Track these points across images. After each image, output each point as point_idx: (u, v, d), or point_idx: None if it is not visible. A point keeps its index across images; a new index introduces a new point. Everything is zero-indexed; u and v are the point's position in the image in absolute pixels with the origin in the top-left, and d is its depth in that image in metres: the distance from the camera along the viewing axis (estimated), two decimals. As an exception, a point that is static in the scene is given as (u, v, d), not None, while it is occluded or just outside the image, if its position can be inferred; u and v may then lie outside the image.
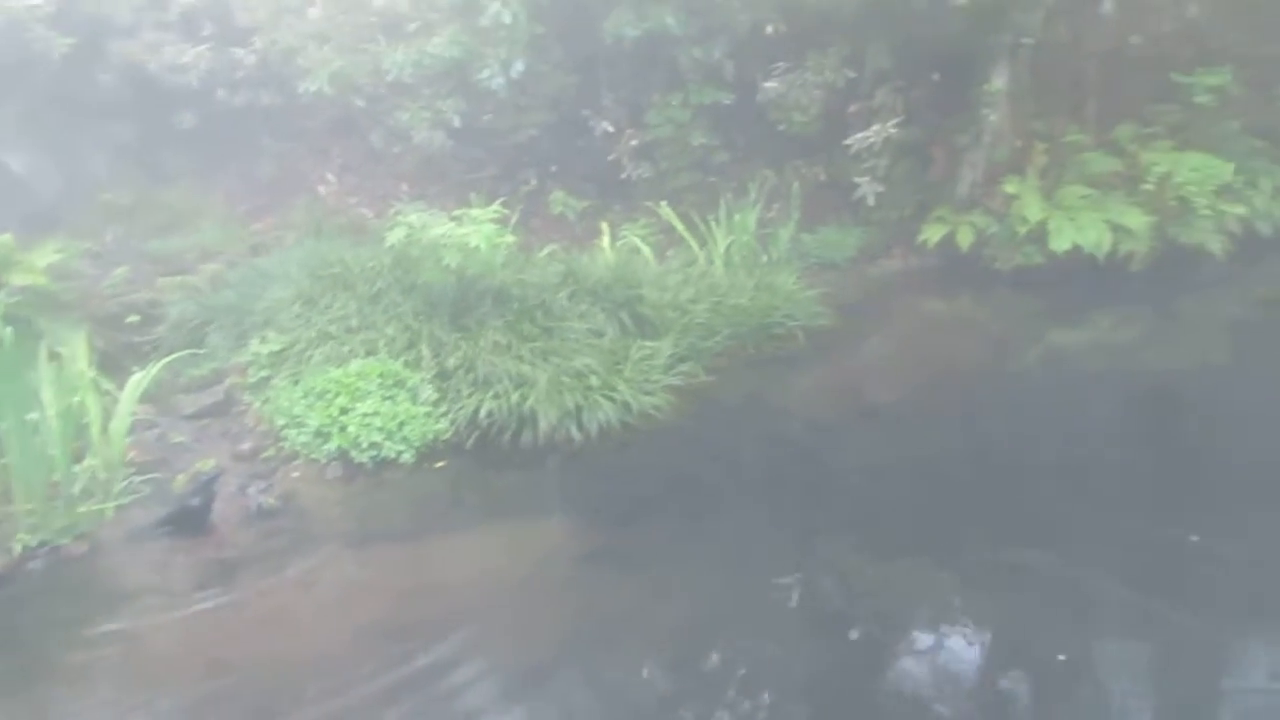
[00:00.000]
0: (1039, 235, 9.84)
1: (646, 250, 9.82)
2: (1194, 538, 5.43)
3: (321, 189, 11.31)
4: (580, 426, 6.99)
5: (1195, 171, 9.97)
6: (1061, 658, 4.61)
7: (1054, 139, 10.59)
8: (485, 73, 10.03)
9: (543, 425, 6.92)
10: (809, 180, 11.12)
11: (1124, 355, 8.89)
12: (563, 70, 10.77)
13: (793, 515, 6.15)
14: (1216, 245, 10.02)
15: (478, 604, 5.31)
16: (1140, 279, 9.94)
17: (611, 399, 7.15)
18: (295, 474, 6.65)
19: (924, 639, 4.97)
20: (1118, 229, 9.77)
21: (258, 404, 7.33)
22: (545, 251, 9.61)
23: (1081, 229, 9.71)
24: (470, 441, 6.93)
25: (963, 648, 4.87)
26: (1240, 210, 10.23)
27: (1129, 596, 5.05)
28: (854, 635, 4.94)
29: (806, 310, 8.97)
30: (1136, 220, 9.81)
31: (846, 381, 8.32)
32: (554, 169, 11.28)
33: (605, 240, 9.93)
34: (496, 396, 7.03)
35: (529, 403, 6.97)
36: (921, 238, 10.47)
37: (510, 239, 8.21)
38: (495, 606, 5.29)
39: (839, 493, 6.39)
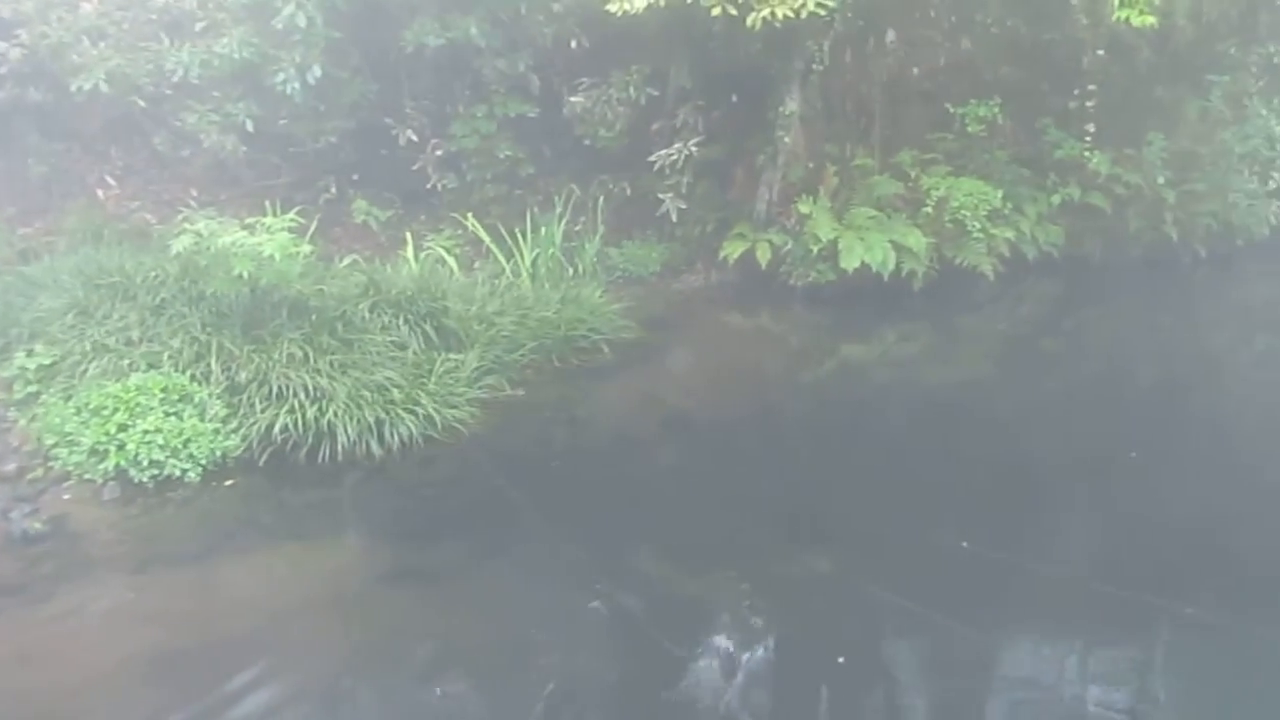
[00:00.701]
0: (831, 253, 10.33)
1: (452, 261, 9.69)
2: (964, 544, 5.78)
3: (100, 193, 10.50)
4: (381, 441, 6.79)
5: (969, 196, 10.76)
6: (840, 660, 4.82)
7: (844, 162, 11.19)
8: (280, 77, 9.62)
9: (341, 440, 6.68)
10: (615, 195, 11.28)
11: (907, 368, 9.51)
12: (363, 77, 10.47)
13: (597, 527, 6.18)
14: (988, 266, 10.82)
15: (263, 629, 5.04)
16: (921, 297, 10.61)
17: (414, 413, 6.98)
18: (66, 496, 6.16)
19: (719, 647, 5.09)
20: (901, 249, 10.40)
21: (24, 422, 6.75)
22: (346, 261, 9.31)
23: (869, 248, 10.27)
24: (264, 458, 6.61)
25: (756, 656, 5.03)
26: (1009, 234, 11.10)
27: (905, 604, 5.24)
28: (653, 647, 4.99)
29: (612, 323, 9.07)
30: (917, 241, 10.48)
31: (651, 393, 8.48)
32: (356, 177, 10.94)
33: (410, 251, 9.72)
34: (292, 411, 6.73)
35: (327, 417, 6.72)
36: (723, 254, 10.79)
37: (307, 248, 7.91)
38: (283, 631, 5.05)
39: (643, 504, 6.47)
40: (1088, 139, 11.27)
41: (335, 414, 6.73)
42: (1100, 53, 10.62)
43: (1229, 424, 7.94)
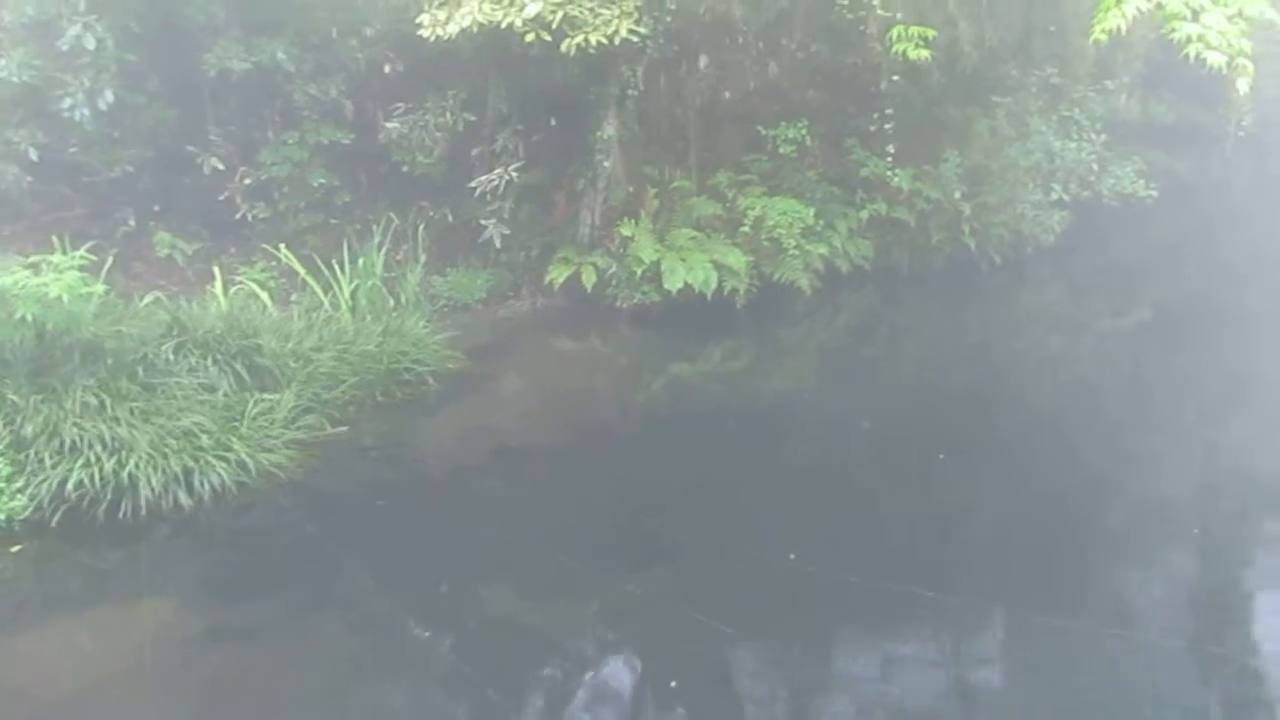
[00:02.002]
0: (654, 275, 10.50)
1: (265, 296, 9.28)
2: (792, 556, 5.94)
3: None
4: (190, 491, 6.41)
5: (783, 215, 11.15)
6: (673, 684, 4.85)
7: (663, 184, 11.41)
8: (67, 102, 9.00)
9: (145, 493, 6.26)
10: (436, 222, 11.11)
11: (734, 383, 9.73)
12: (162, 102, 9.94)
13: (424, 567, 6.02)
14: (805, 281, 11.24)
15: (61, 708, 4.66)
16: (744, 313, 10.91)
17: (226, 459, 6.63)
18: None
19: (557, 675, 5.05)
20: (722, 268, 10.67)
21: None
22: (148, 299, 8.78)
23: (691, 269, 10.50)
24: (56, 519, 6.11)
25: (575, 689, 5.00)
26: (823, 250, 11.56)
27: (723, 628, 5.26)
28: (475, 690, 4.90)
29: (437, 354, 8.89)
30: (737, 260, 10.77)
31: (479, 423, 8.35)
32: (157, 208, 10.34)
33: (219, 285, 9.26)
34: (88, 465, 6.26)
35: (127, 469, 6.28)
36: (548, 278, 10.79)
37: (101, 287, 7.41)
38: (86, 710, 4.68)
39: (470, 539, 6.35)
40: (889, 157, 11.87)
41: (137, 465, 6.31)
42: (895, 78, 11.21)
43: (1030, 422, 8.46)
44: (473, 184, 10.73)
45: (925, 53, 5.56)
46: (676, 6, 10.43)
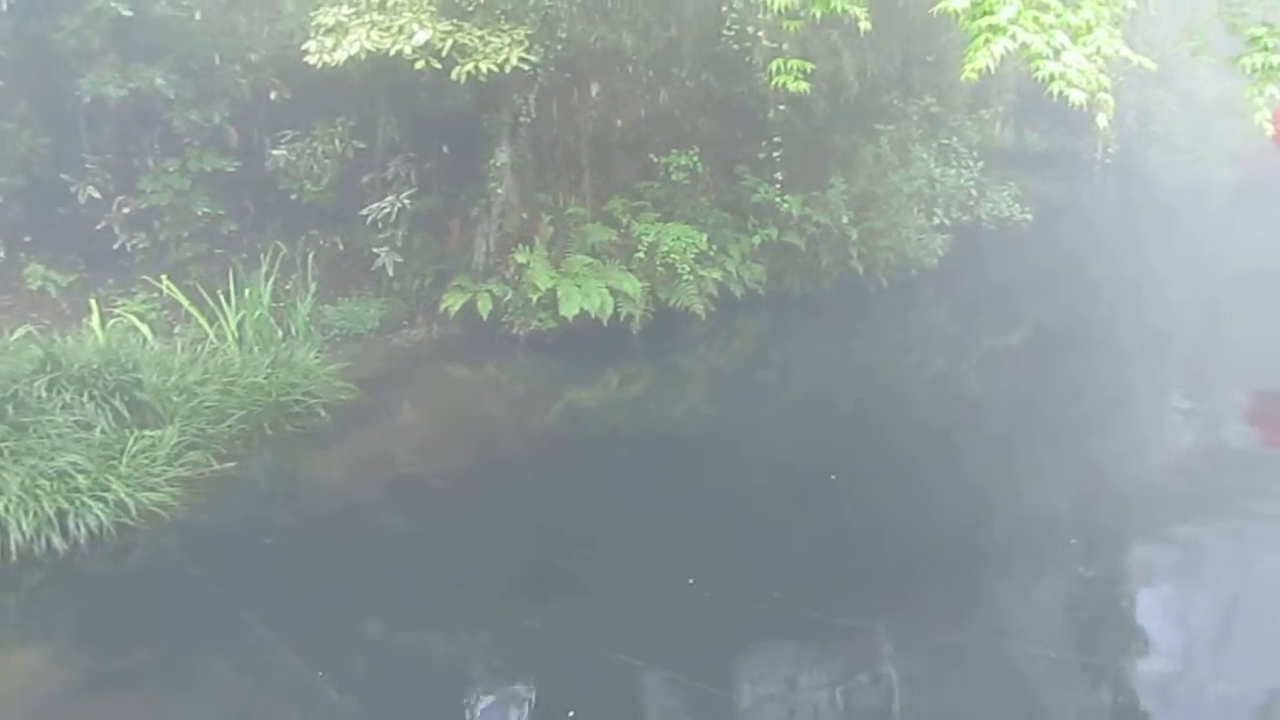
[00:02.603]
0: (551, 302, 10.50)
1: (145, 329, 8.95)
2: (690, 580, 5.97)
3: None
4: (65, 534, 6.11)
5: (677, 241, 11.29)
6: (571, 715, 4.81)
7: (558, 211, 11.45)
8: (-73, 129, 8.60)
9: (15, 537, 5.95)
10: (327, 251, 10.91)
11: (632, 408, 9.78)
12: (33, 129, 9.56)
13: (315, 605, 5.84)
14: (699, 306, 11.39)
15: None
16: (640, 338, 11.00)
17: (103, 499, 6.34)
18: None
19: (453, 713, 4.97)
20: (618, 294, 10.74)
21: None
22: (19, 334, 8.39)
23: (587, 295, 10.53)
24: (-85, 568, 5.77)
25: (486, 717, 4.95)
26: (717, 274, 11.75)
27: (628, 654, 5.21)
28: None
29: (329, 385, 8.69)
30: (632, 286, 10.86)
31: (374, 455, 8.20)
32: (29, 239, 9.92)
33: (96, 319, 8.89)
34: (-50, 512, 5.93)
35: (-5, 514, 5.97)
36: (443, 306, 10.68)
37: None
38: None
39: (365, 575, 6.18)
40: (778, 184, 12.14)
41: (6, 508, 6.00)
42: (781, 107, 11.49)
43: (918, 439, 8.71)
44: (364, 211, 10.59)
45: (804, 85, 5.72)
46: (567, 35, 10.52)
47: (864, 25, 5.33)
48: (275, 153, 10.39)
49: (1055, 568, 6.31)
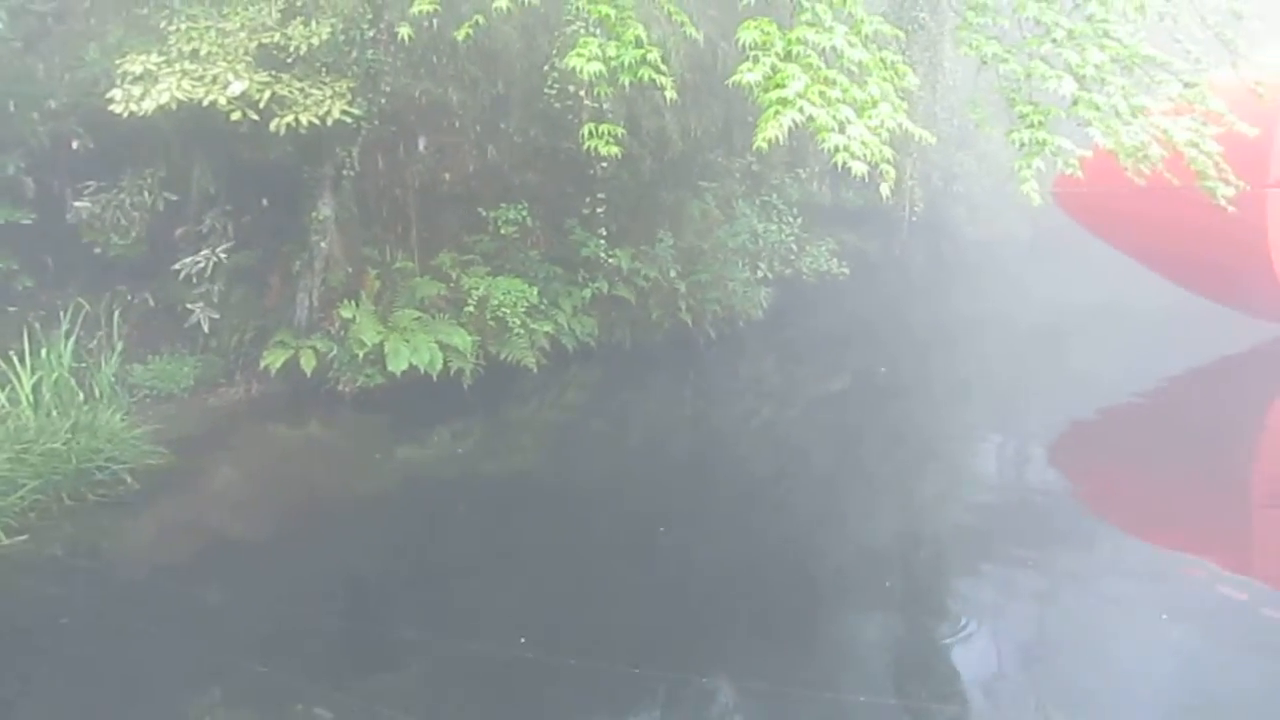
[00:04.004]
0: (378, 357, 10.29)
1: (-75, 394, 8.24)
2: (522, 639, 5.90)
3: None
4: None
5: (508, 294, 11.31)
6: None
7: (385, 265, 11.27)
8: None
9: None
10: (137, 307, 10.36)
11: (463, 464, 9.60)
12: None
13: (110, 691, 5.45)
14: (531, 360, 11.40)
15: None
16: (472, 393, 10.89)
17: None
18: None
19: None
20: (447, 348, 10.63)
21: None
22: None
23: (416, 350, 10.38)
24: None
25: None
26: (548, 328, 11.81)
27: None
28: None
29: (136, 450, 8.21)
30: (463, 340, 10.77)
31: (185, 522, 7.75)
32: None
33: None
34: None
35: None
36: (264, 363, 10.29)
37: None
38: None
39: (170, 652, 5.82)
40: (609, 238, 12.36)
41: None
42: (604, 164, 11.74)
43: (745, 488, 8.93)
44: (177, 266, 10.14)
45: (616, 149, 5.86)
46: (391, 89, 10.46)
47: (669, 95, 5.53)
48: (78, 205, 9.84)
49: (870, 612, 6.57)
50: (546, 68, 11.21)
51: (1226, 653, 5.91)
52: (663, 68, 5.55)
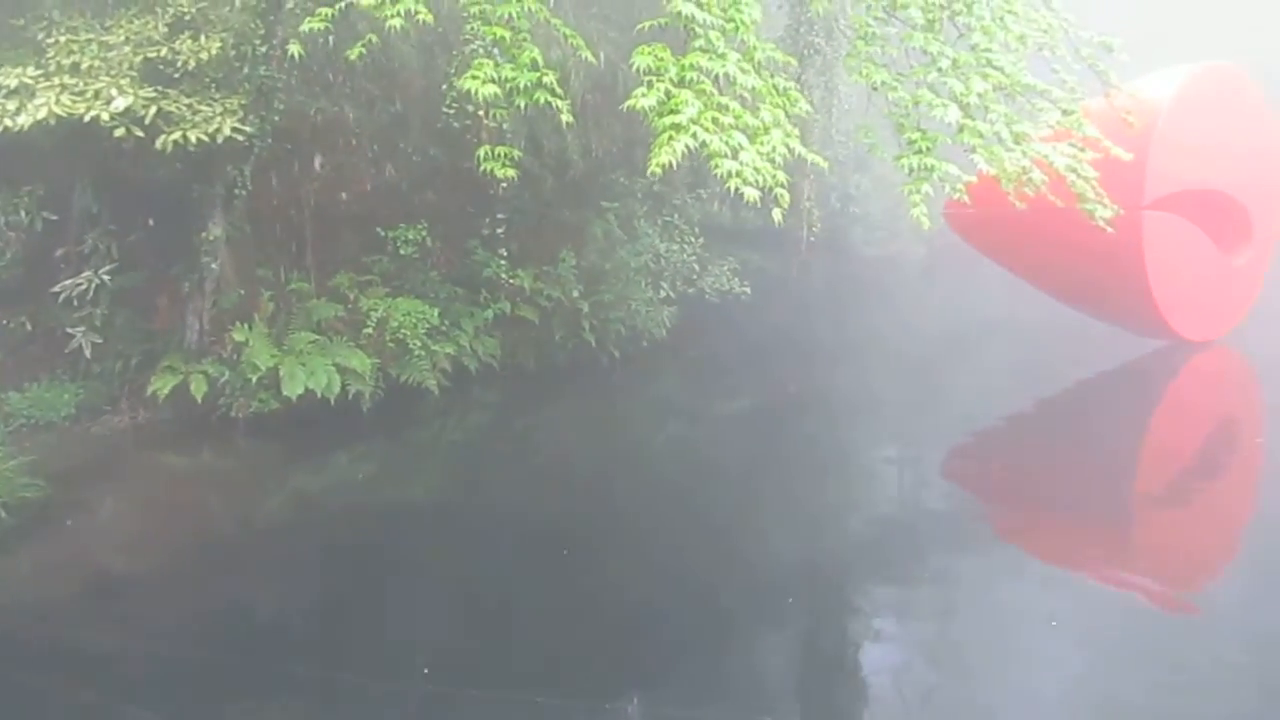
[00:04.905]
0: (272, 381, 10.01)
1: None
2: (426, 670, 5.77)
3: None
4: None
5: (408, 316, 11.14)
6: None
7: (279, 286, 10.98)
8: None
9: None
10: (13, 331, 9.88)
11: (362, 490, 9.40)
12: None
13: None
14: (432, 382, 11.24)
15: None
16: (371, 417, 10.68)
17: None
18: None
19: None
20: (345, 371, 10.40)
21: None
22: None
23: (312, 373, 10.13)
24: None
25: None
26: (450, 349, 11.66)
27: None
28: None
29: (10, 482, 7.79)
30: (361, 362, 10.56)
31: (62, 558, 7.37)
32: None
33: None
34: None
35: None
36: (151, 389, 9.91)
37: None
38: None
39: (40, 698, 5.54)
40: (510, 258, 12.29)
41: None
42: (504, 184, 11.65)
43: (650, 509, 8.93)
44: (57, 289, 9.70)
45: (512, 171, 5.82)
46: (285, 106, 10.21)
47: (566, 118, 5.53)
48: (-53, 225, 9.36)
49: (773, 631, 6.62)
50: (445, 87, 11.11)
51: (1108, 659, 6.14)
52: (559, 90, 5.55)
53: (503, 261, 12.26)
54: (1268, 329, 15.68)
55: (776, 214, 5.26)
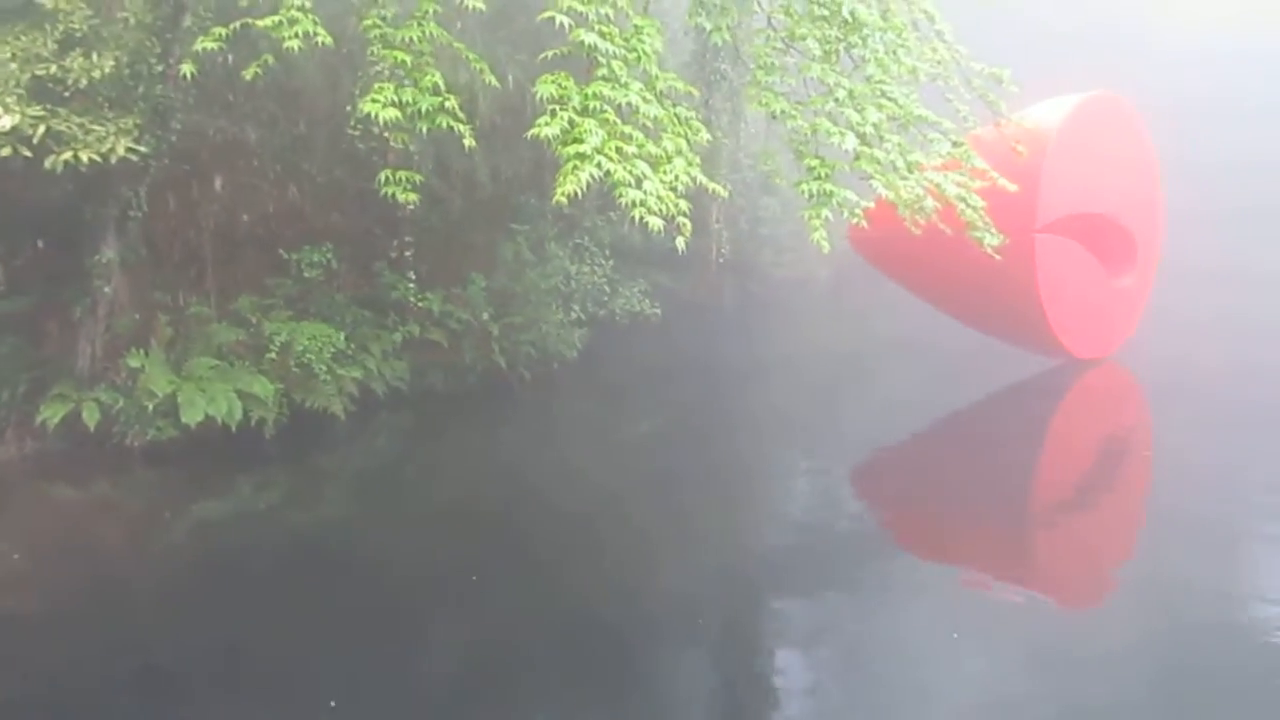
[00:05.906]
0: (170, 408, 9.73)
1: None
2: (332, 703, 5.65)
3: None
4: None
5: (313, 340, 10.94)
6: None
7: (178, 311, 10.70)
8: None
9: None
10: (-112, 359, 9.41)
11: (265, 519, 9.17)
12: None
13: None
14: (339, 406, 11.05)
15: None
16: (275, 443, 10.45)
17: None
18: None
19: None
20: (247, 397, 10.16)
21: None
22: None
23: (212, 399, 9.87)
24: None
25: None
26: (357, 373, 11.49)
27: None
28: None
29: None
30: (264, 388, 10.33)
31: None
32: None
33: None
34: None
35: None
36: (40, 418, 9.53)
37: None
38: None
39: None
40: (419, 280, 12.17)
41: None
42: (411, 206, 11.55)
43: (559, 532, 8.92)
44: (-65, 315, 9.29)
45: (414, 196, 5.80)
46: (183, 126, 9.98)
47: (469, 143, 5.54)
48: None
49: (683, 651, 6.69)
50: (350, 108, 10.99)
51: (1007, 665, 6.37)
52: (461, 115, 5.55)
53: (411, 284, 12.14)
54: (1151, 346, 16.43)
55: (680, 242, 5.34)
